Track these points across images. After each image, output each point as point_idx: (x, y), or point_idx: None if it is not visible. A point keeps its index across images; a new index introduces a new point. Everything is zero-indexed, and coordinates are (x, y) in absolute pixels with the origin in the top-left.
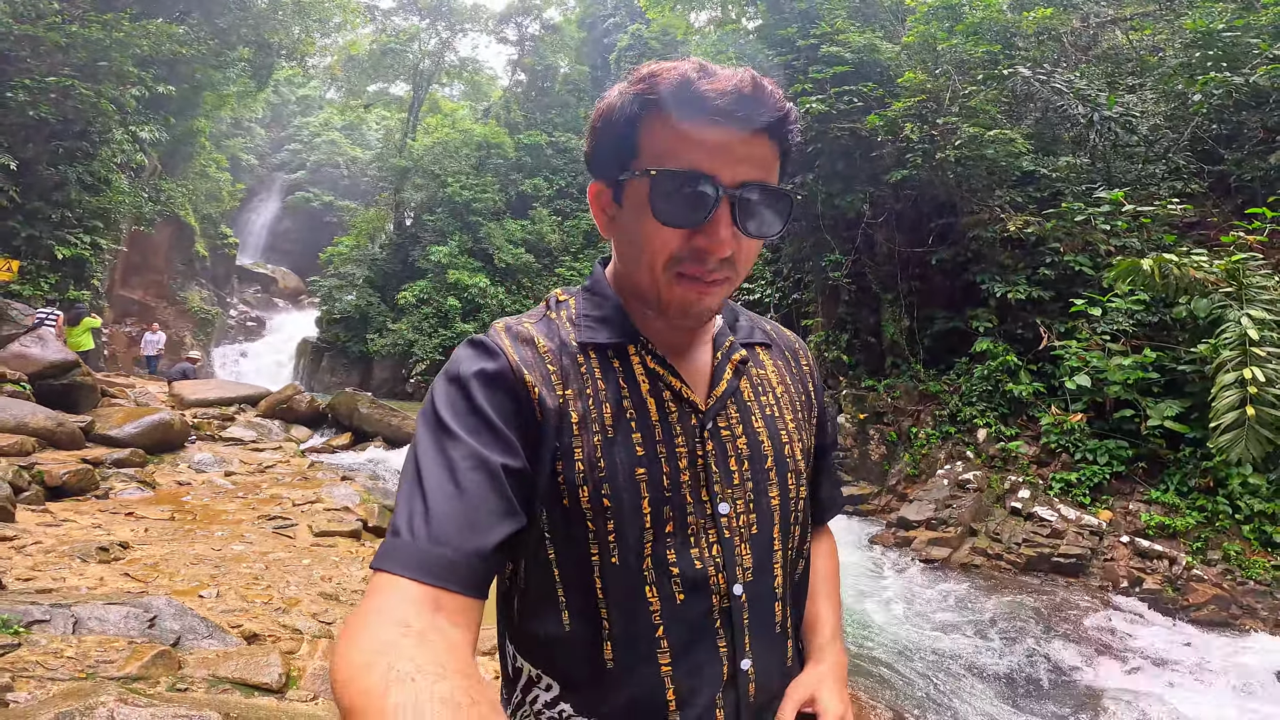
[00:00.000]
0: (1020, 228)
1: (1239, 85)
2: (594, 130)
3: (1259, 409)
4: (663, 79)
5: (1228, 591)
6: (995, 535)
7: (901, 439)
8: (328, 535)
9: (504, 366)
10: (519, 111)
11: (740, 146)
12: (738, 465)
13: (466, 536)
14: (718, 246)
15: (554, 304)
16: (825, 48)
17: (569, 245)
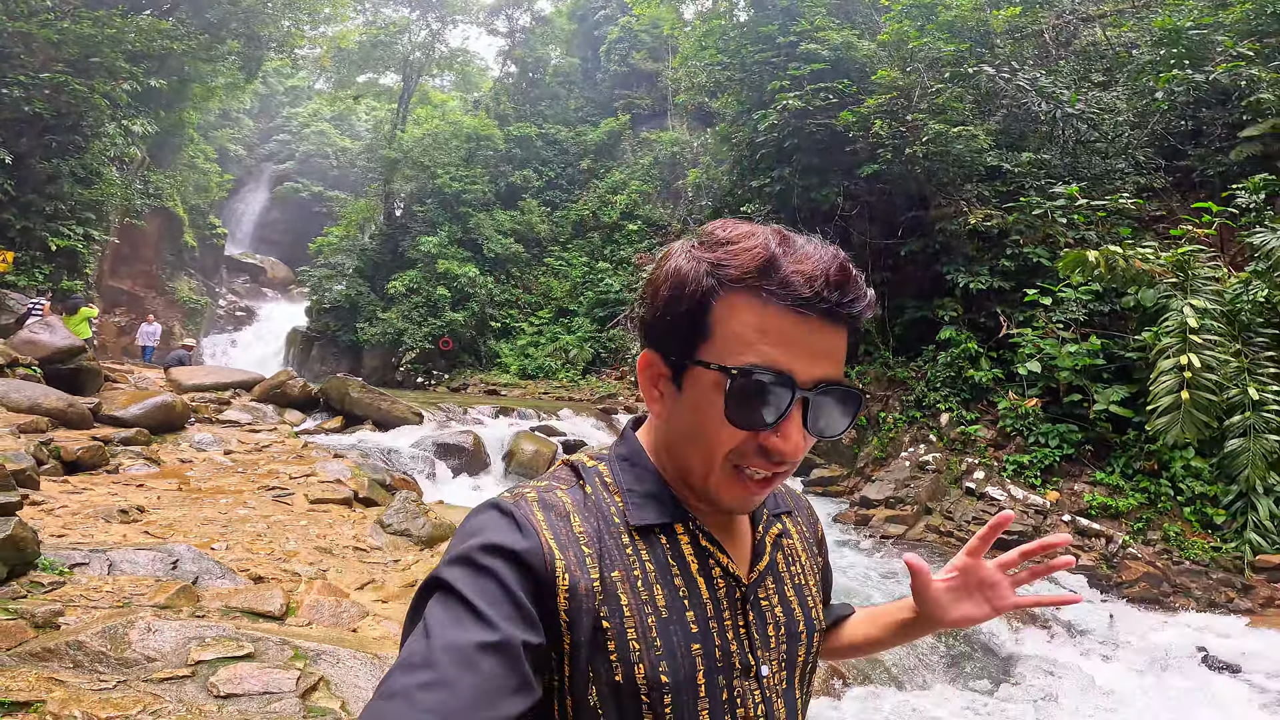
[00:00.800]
0: (981, 220)
1: (1200, 83)
2: (658, 298)
3: (1194, 393)
4: (744, 251)
5: (1160, 570)
6: (948, 514)
7: (870, 423)
8: (322, 503)
9: (534, 547)
10: (509, 103)
11: (821, 341)
12: (774, 631)
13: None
14: (790, 451)
15: (585, 471)
16: (804, 45)
17: (557, 235)
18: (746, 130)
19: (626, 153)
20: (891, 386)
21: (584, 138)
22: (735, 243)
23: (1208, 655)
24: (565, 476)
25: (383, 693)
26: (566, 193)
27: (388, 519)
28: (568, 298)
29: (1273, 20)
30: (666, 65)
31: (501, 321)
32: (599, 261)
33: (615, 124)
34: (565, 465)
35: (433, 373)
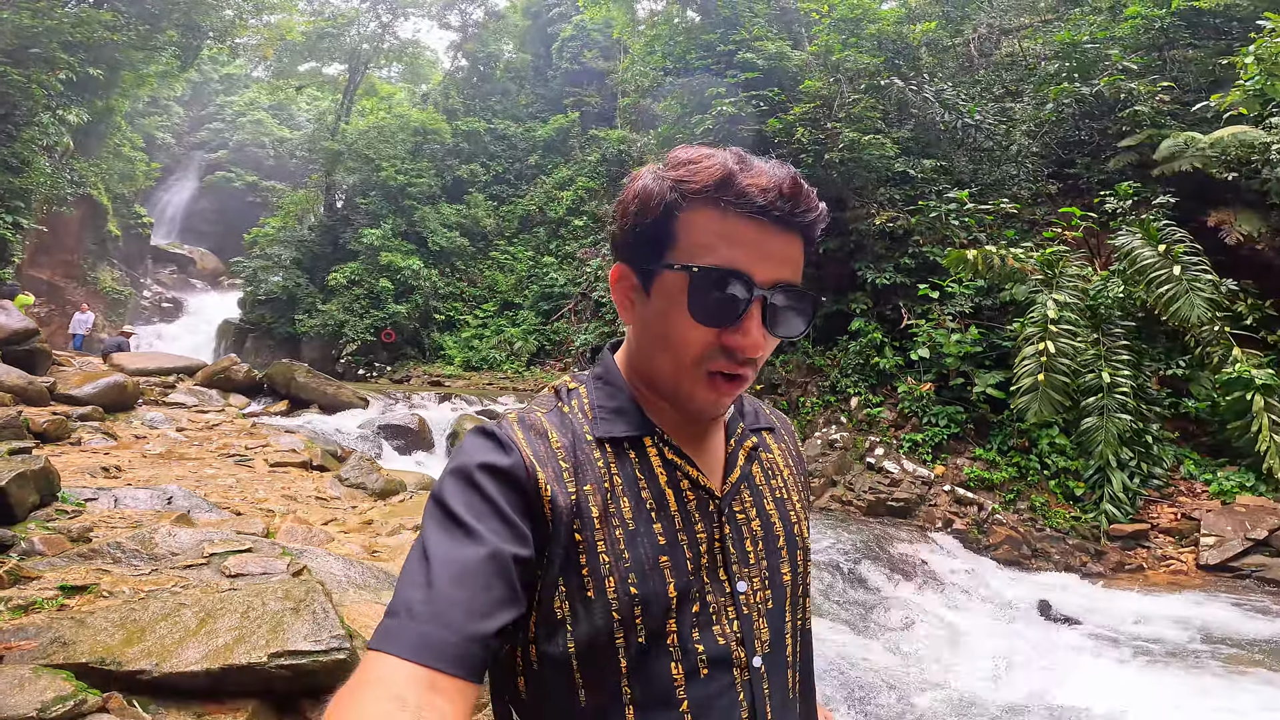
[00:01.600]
0: (886, 222)
1: (1086, 95)
2: (626, 213)
3: (1049, 376)
4: (704, 169)
5: (1022, 535)
6: (850, 486)
7: (791, 407)
8: (281, 466)
9: (516, 462)
10: (458, 98)
11: (776, 246)
12: (753, 545)
13: (467, 621)
14: (749, 346)
15: (564, 393)
16: (741, 54)
17: (504, 230)
18: (685, 134)
19: (575, 149)
20: (810, 374)
21: (533, 134)
22: (696, 162)
23: (1048, 608)
24: (546, 399)
25: (389, 611)
26: (514, 188)
27: (344, 474)
28: (513, 291)
29: (1159, 34)
30: (617, 65)
31: (446, 314)
32: (544, 256)
33: (564, 121)
34: (549, 390)
35: (375, 364)
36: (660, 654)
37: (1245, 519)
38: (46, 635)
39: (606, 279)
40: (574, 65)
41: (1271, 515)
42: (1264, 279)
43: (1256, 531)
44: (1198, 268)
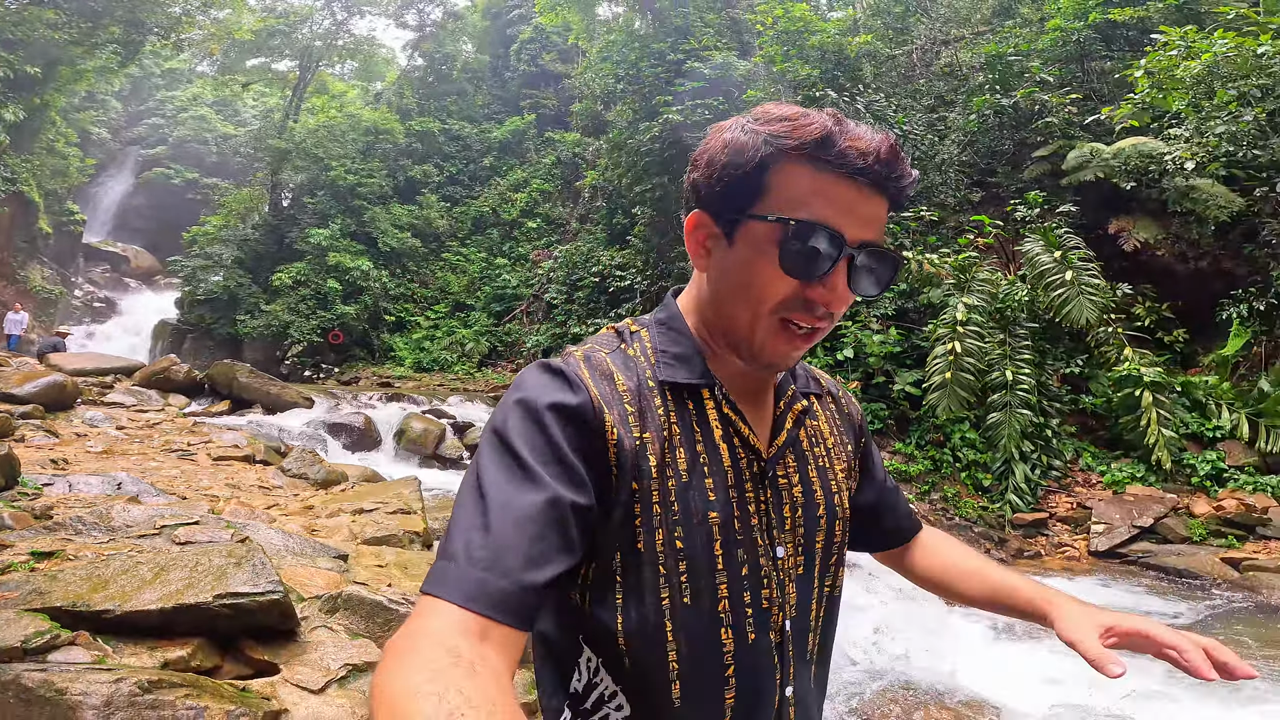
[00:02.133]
0: None
1: (1006, 106)
2: (713, 163)
3: (956, 374)
4: (805, 126)
5: (931, 522)
6: None
7: None
8: (225, 459)
9: (585, 402)
10: (412, 98)
11: (867, 207)
12: (791, 511)
13: (525, 569)
14: (835, 300)
15: (628, 335)
16: (690, 63)
17: (456, 231)
18: (635, 139)
19: (530, 151)
20: None
21: (488, 135)
22: (794, 119)
23: None
24: (608, 339)
25: (444, 552)
26: (467, 189)
27: (287, 465)
28: (465, 292)
29: (1076, 47)
30: (575, 68)
31: (396, 315)
32: (497, 257)
33: (520, 123)
34: (609, 330)
35: (322, 366)
36: (705, 615)
37: (1133, 508)
38: (25, 587)
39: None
40: (532, 67)
41: (1158, 504)
42: (1165, 283)
43: (1143, 519)
44: (1089, 272)
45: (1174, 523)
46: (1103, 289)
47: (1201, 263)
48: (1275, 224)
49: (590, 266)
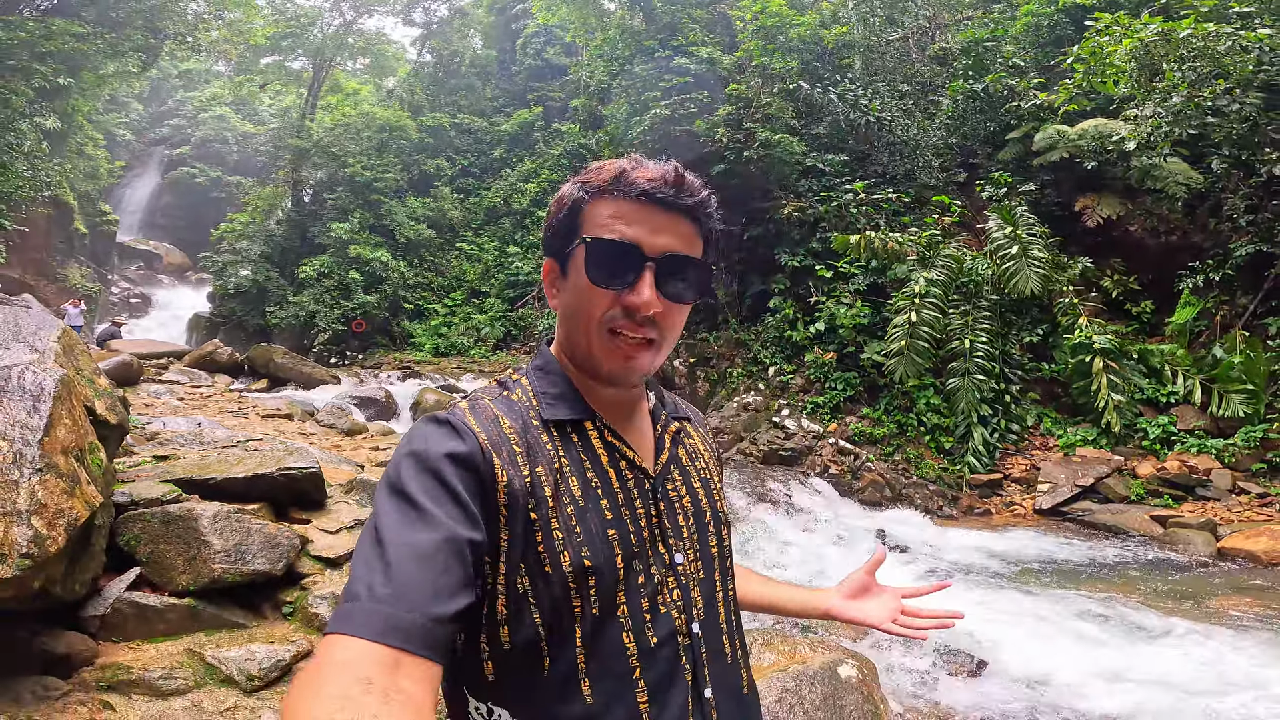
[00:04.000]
0: (793, 211)
1: (978, 91)
2: (549, 215)
3: (913, 341)
4: (602, 171)
5: (886, 480)
6: (754, 440)
7: (720, 377)
8: (272, 417)
9: (474, 448)
10: (423, 94)
11: (663, 223)
12: (685, 520)
13: (429, 601)
14: (643, 305)
15: (509, 383)
16: (677, 59)
17: (470, 221)
18: (629, 133)
19: (538, 143)
20: (736, 348)
21: (498, 128)
22: (598, 167)
23: (883, 535)
24: (491, 390)
25: (347, 594)
26: (479, 180)
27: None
28: (480, 280)
29: (1048, 31)
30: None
31: (414, 303)
32: (510, 246)
33: (528, 115)
34: (492, 382)
35: (346, 353)
36: (613, 624)
37: (1079, 468)
38: (154, 471)
39: None
40: (537, 61)
41: (1102, 465)
42: (1137, 257)
43: (1084, 479)
44: (1036, 246)
45: (1115, 483)
46: (1049, 261)
47: (1171, 237)
48: (1235, 199)
49: None
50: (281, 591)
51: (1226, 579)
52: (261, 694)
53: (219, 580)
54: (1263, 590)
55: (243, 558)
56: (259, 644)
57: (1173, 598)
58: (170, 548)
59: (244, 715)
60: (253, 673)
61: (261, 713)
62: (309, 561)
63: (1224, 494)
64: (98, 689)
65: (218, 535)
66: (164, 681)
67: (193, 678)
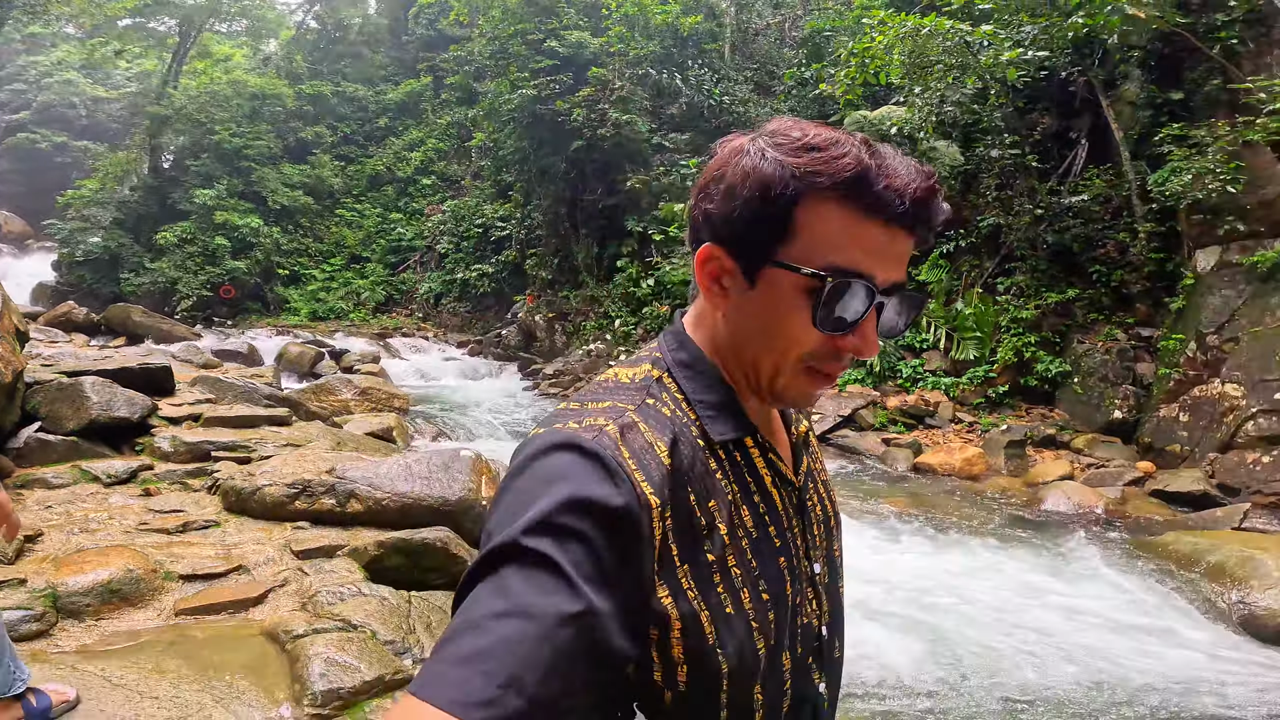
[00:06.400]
0: (636, 184)
1: (807, 79)
2: (733, 196)
3: None
4: (837, 162)
5: None
6: (589, 379)
7: (576, 330)
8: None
9: (630, 499)
10: (303, 62)
11: (899, 249)
12: (819, 529)
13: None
14: (867, 350)
15: (653, 387)
16: (549, 42)
17: (351, 188)
18: (498, 111)
19: (427, 112)
20: (591, 304)
21: (384, 97)
22: (825, 150)
23: None
24: (631, 396)
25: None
26: (362, 148)
27: (175, 353)
28: (360, 246)
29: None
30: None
31: (290, 269)
32: (392, 212)
33: (417, 85)
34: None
35: (213, 320)
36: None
37: (844, 402)
38: (49, 366)
39: (450, 231)
40: (430, 31)
41: (861, 399)
42: None
43: (845, 410)
44: None
45: (868, 413)
46: None
47: None
48: (987, 178)
49: (475, 219)
50: (137, 437)
51: (901, 485)
52: (115, 487)
53: (95, 421)
54: (915, 494)
55: (110, 408)
56: (117, 460)
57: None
58: (63, 405)
59: (101, 495)
60: (111, 474)
61: (111, 494)
62: (158, 420)
63: (945, 423)
64: (14, 488)
65: (95, 394)
66: (54, 479)
67: (72, 479)
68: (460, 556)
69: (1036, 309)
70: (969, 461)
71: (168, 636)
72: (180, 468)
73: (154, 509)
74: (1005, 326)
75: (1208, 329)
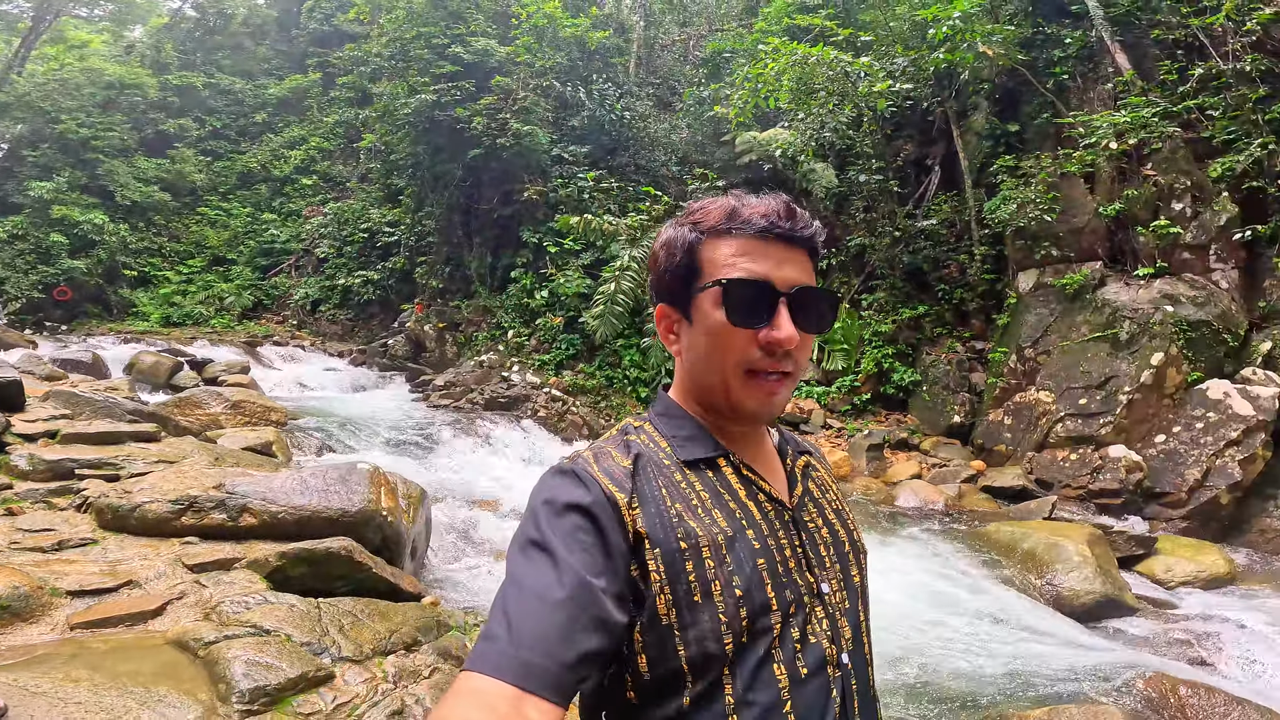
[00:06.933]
0: (534, 195)
1: (703, 98)
2: (656, 261)
3: (611, 306)
4: (710, 211)
5: (585, 421)
6: (482, 391)
7: (468, 341)
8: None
9: (598, 495)
10: (173, 51)
11: (784, 256)
12: (826, 551)
13: (560, 648)
14: (785, 339)
15: (632, 430)
16: (453, 47)
17: (218, 185)
18: (393, 113)
19: (313, 109)
20: (483, 314)
21: (265, 91)
22: (705, 207)
23: None
24: (614, 439)
25: (484, 635)
26: (234, 144)
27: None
28: (225, 246)
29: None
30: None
31: (139, 270)
32: (265, 212)
33: (303, 81)
34: (614, 431)
35: (46, 325)
36: (764, 653)
37: None
38: None
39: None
40: (325, 26)
41: None
42: None
43: None
44: None
45: None
46: None
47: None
48: (856, 201)
49: (360, 223)
50: None
51: None
52: None
53: None
54: None
55: None
56: None
57: None
58: None
59: None
60: None
61: None
62: (12, 438)
63: (817, 429)
64: None
65: None
66: None
67: None
68: (365, 564)
69: (893, 323)
70: (838, 464)
71: (67, 650)
72: (42, 486)
73: (22, 528)
74: (868, 339)
75: (1025, 343)
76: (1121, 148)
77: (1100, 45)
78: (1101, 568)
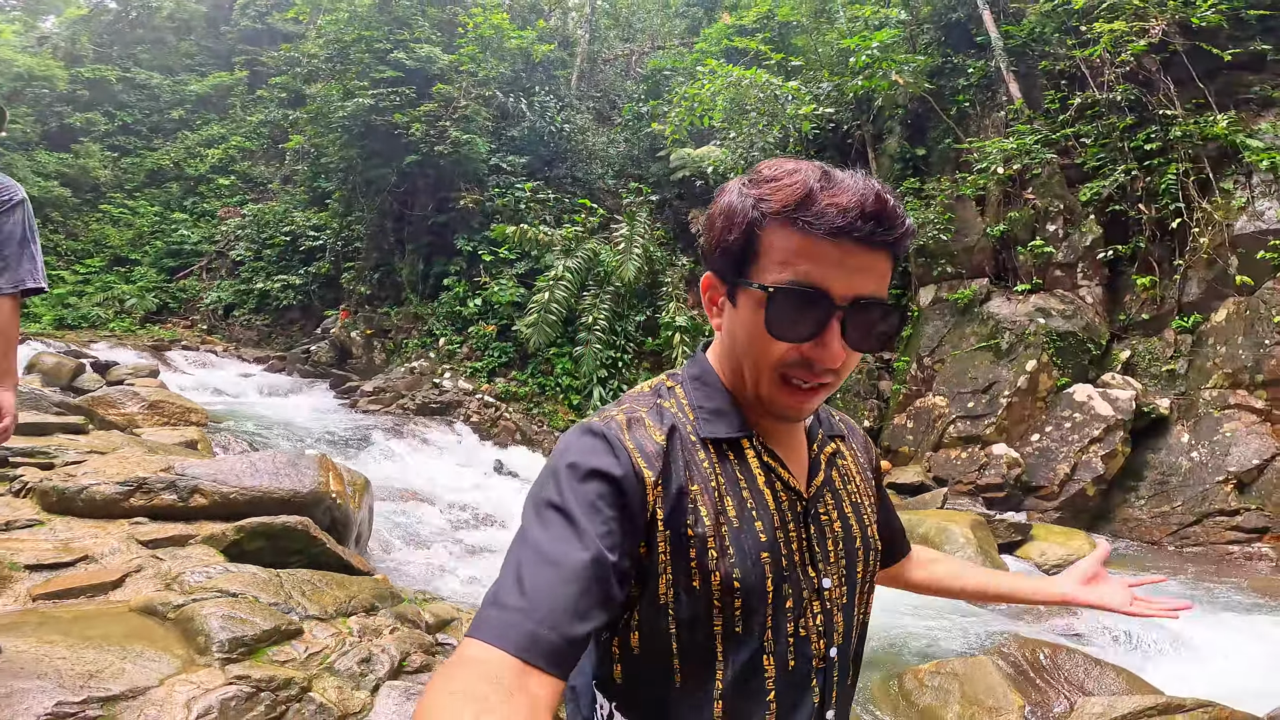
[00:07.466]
0: (470, 203)
1: (643, 113)
2: (713, 227)
3: (545, 315)
4: (785, 188)
5: (517, 426)
6: (413, 397)
7: (397, 348)
8: None
9: (627, 467)
10: (89, 43)
11: (858, 261)
12: (834, 545)
13: (567, 621)
14: (829, 359)
15: (664, 392)
16: (395, 53)
17: (124, 182)
18: (328, 115)
19: (235, 108)
20: (414, 321)
21: (185, 87)
22: (777, 180)
23: (501, 465)
24: (645, 398)
25: (490, 599)
26: (145, 140)
27: None
28: (128, 246)
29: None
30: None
31: None
32: (175, 212)
33: (228, 78)
34: (646, 388)
35: None
36: (754, 644)
37: None
38: None
39: (249, 238)
40: (258, 24)
41: None
42: None
43: None
44: (647, 244)
45: None
46: (662, 258)
47: None
48: None
49: (283, 226)
50: None
51: None
52: None
53: None
54: None
55: None
56: None
57: None
58: None
59: None
60: None
61: None
62: None
63: None
64: None
65: None
66: None
67: None
68: (320, 540)
69: None
70: None
71: (33, 619)
72: None
73: None
74: None
75: (924, 352)
76: (1008, 173)
77: (998, 75)
78: (983, 549)
